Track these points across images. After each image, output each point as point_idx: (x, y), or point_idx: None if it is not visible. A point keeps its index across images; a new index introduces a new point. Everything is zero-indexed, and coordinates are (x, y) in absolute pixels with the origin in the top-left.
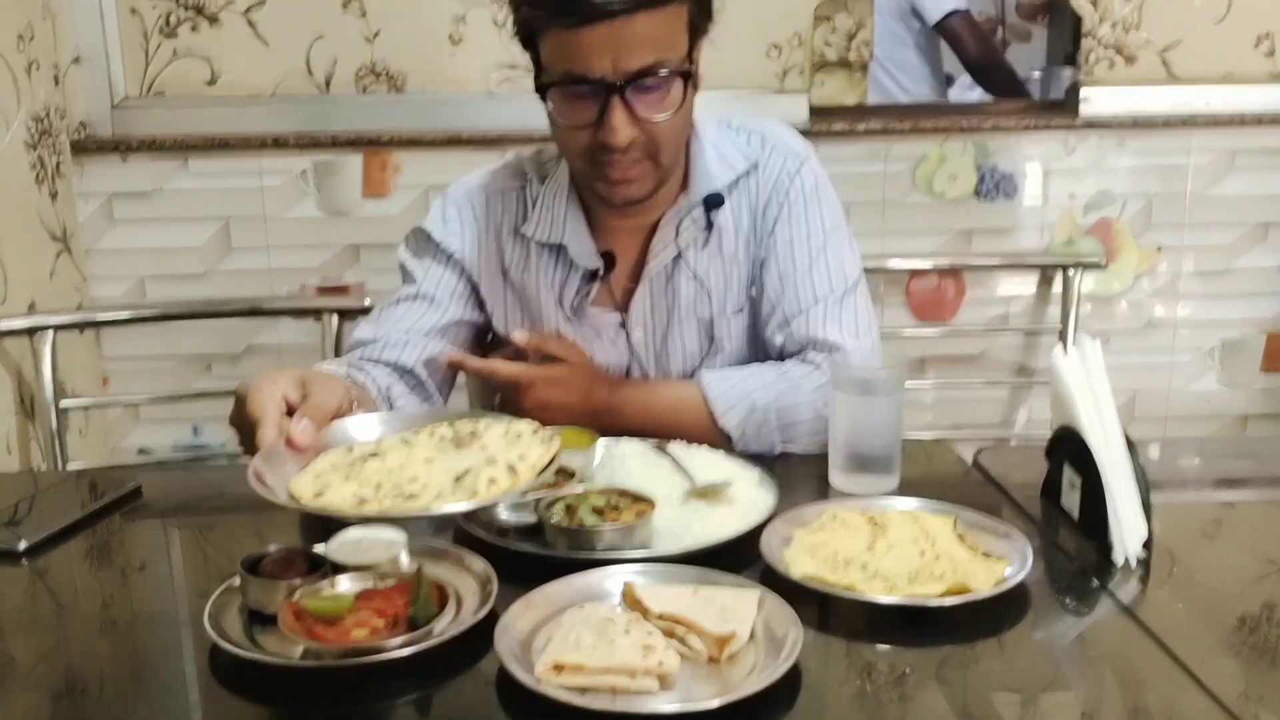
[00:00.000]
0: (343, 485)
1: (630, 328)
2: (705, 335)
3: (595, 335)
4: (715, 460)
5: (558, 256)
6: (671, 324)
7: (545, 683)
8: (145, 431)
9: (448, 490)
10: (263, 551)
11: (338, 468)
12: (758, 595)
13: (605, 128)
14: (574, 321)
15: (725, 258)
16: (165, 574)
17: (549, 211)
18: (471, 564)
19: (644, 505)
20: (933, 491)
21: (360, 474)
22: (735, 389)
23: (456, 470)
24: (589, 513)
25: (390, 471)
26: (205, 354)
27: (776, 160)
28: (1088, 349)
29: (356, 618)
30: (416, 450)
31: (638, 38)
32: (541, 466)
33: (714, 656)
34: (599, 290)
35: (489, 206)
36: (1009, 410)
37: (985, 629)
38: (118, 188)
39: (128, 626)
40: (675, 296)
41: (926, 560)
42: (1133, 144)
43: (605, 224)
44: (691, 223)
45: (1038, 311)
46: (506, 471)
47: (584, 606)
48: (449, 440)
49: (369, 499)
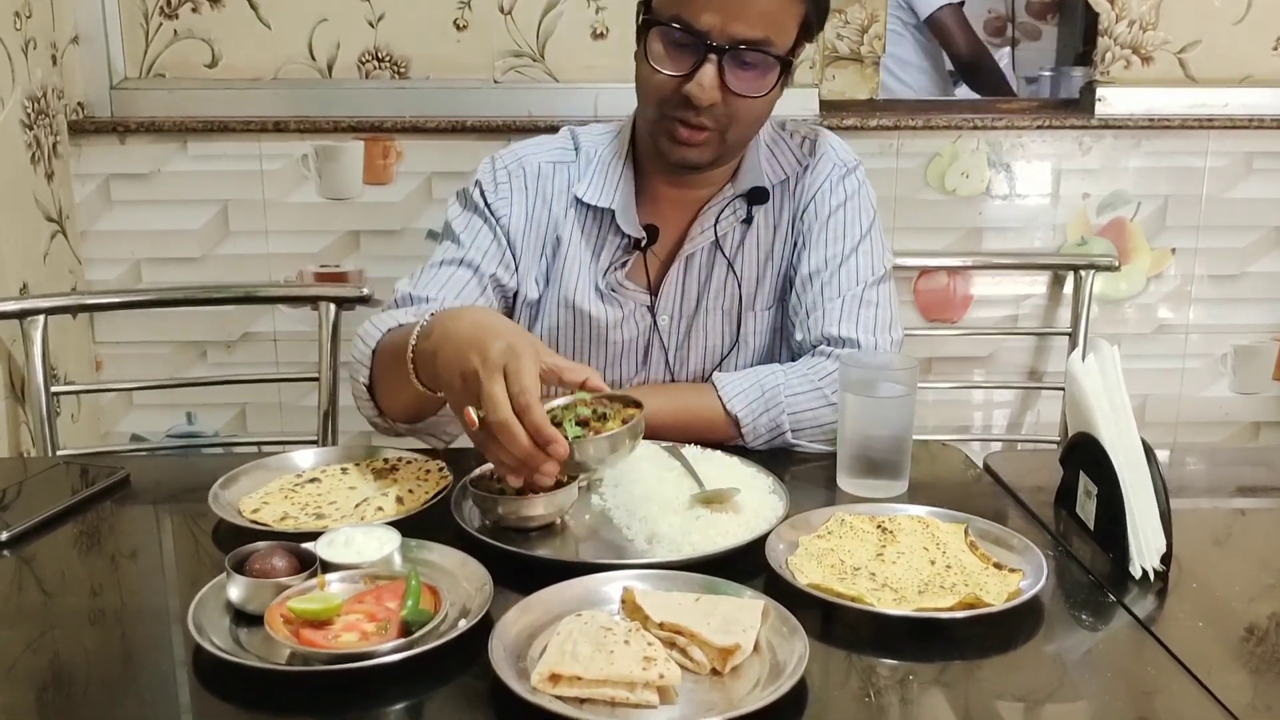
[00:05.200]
0: (279, 504)
1: (658, 311)
2: (731, 329)
3: (622, 315)
4: (728, 466)
5: (601, 223)
6: (699, 312)
7: (541, 694)
8: (138, 418)
9: (350, 514)
10: (251, 547)
11: (284, 489)
12: (762, 605)
13: (693, 82)
14: (604, 297)
15: (760, 254)
16: (152, 565)
17: (601, 176)
18: (466, 565)
19: (632, 410)
20: (942, 496)
21: (296, 495)
22: (745, 377)
23: (359, 498)
24: (573, 425)
25: (319, 495)
26: (200, 341)
27: (824, 167)
28: (1106, 354)
29: (346, 621)
30: (346, 479)
31: (755, 10)
32: (429, 496)
33: (717, 669)
34: (634, 264)
35: (540, 174)
36: (1017, 413)
37: (996, 643)
38: (115, 169)
39: (112, 620)
40: (706, 284)
41: (937, 570)
42: (1148, 144)
43: (653, 194)
44: (732, 213)
45: (1048, 313)
46: (394, 502)
47: (582, 614)
48: (374, 470)
49: (292, 516)
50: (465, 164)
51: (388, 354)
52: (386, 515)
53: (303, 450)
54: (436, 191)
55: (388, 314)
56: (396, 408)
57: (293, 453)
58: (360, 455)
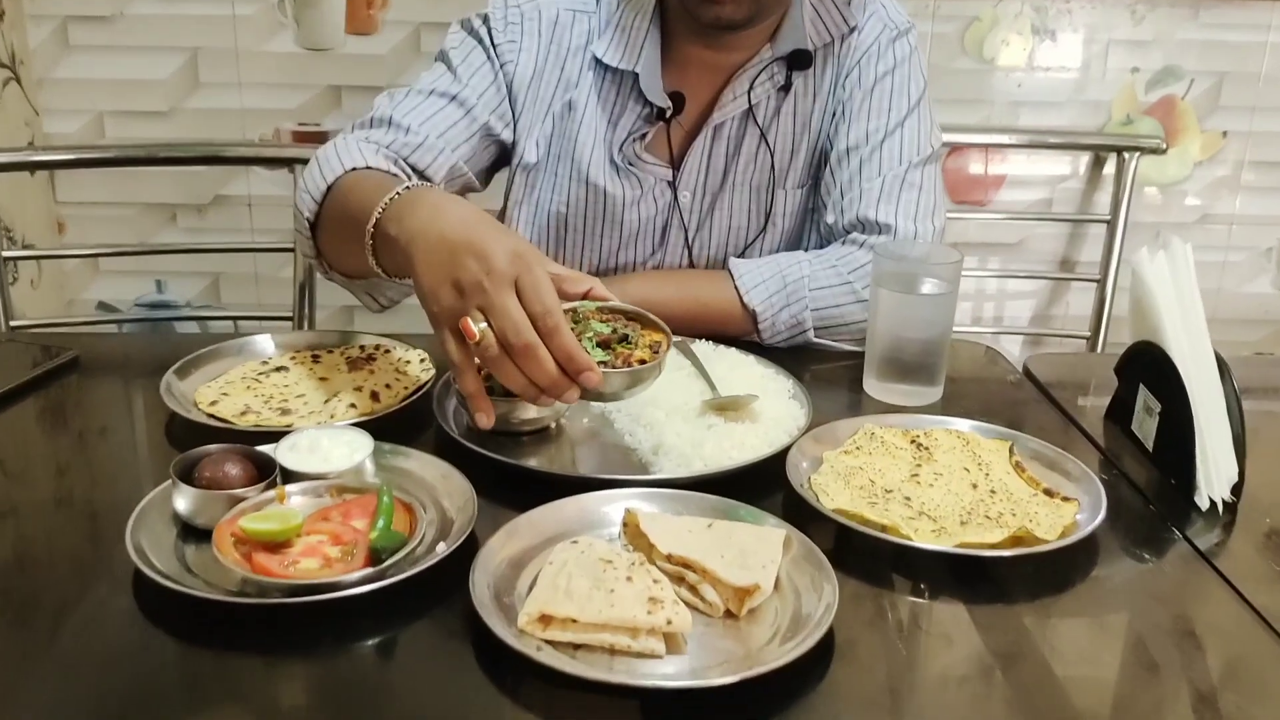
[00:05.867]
0: (240, 395)
1: (679, 187)
2: (759, 209)
3: (640, 192)
4: (743, 365)
5: (621, 88)
6: (725, 189)
7: (528, 638)
8: (105, 285)
9: (319, 410)
10: (201, 450)
11: (246, 378)
12: (783, 535)
13: None
14: (620, 171)
15: (797, 124)
16: (93, 466)
17: (625, 34)
18: (449, 479)
19: (657, 335)
20: (979, 406)
21: (260, 386)
22: (765, 266)
23: (330, 392)
24: (592, 345)
25: (286, 386)
26: (170, 203)
27: (874, 27)
28: (1178, 252)
29: (307, 543)
30: (317, 368)
31: None
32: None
33: (731, 610)
34: (656, 136)
35: (558, 22)
36: (1044, 305)
37: (1047, 582)
38: (73, 10)
39: (41, 535)
40: (735, 157)
41: (980, 495)
42: (1207, 15)
43: (681, 58)
44: (769, 78)
45: (1085, 198)
46: (369, 398)
47: (578, 540)
48: (348, 360)
49: (254, 411)
50: (459, 13)
51: (343, 210)
52: (360, 413)
53: (268, 334)
54: (426, 44)
55: (359, 139)
56: (341, 264)
57: (257, 336)
58: (334, 341)
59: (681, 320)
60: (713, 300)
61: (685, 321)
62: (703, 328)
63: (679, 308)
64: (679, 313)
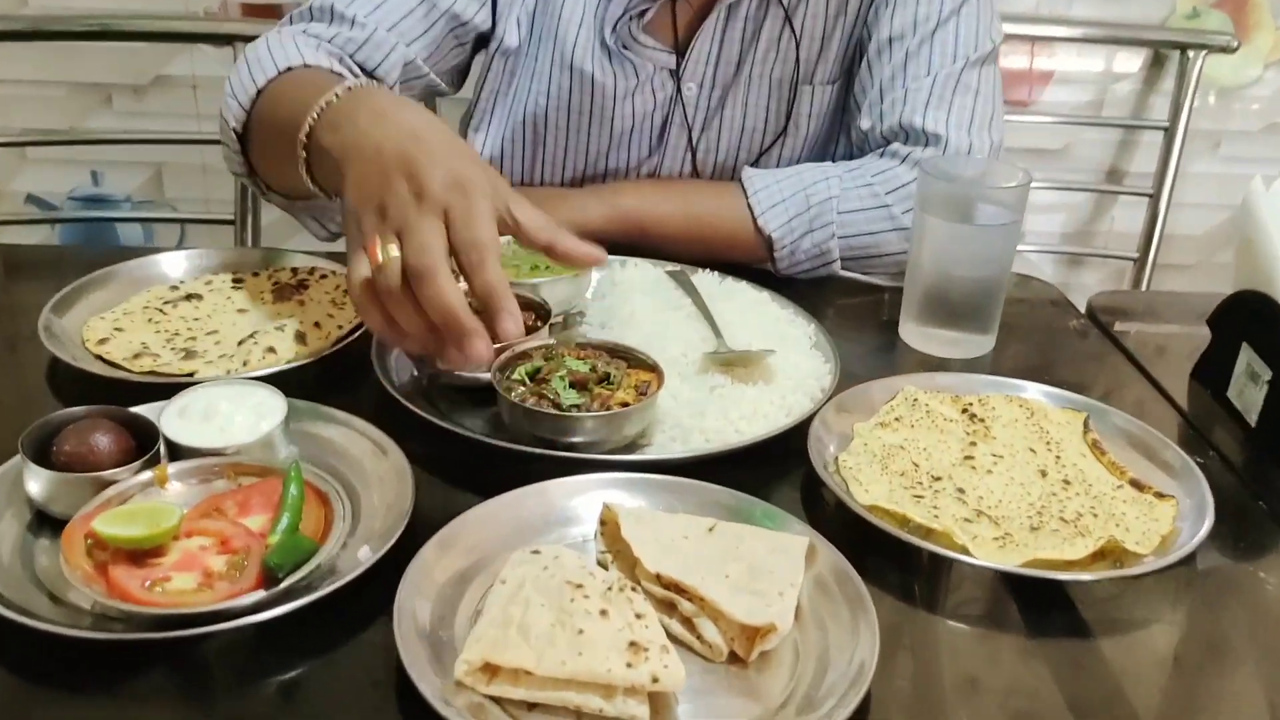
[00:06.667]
0: (139, 330)
1: (683, 77)
2: (779, 108)
3: (636, 82)
4: (756, 305)
5: None
6: (738, 80)
7: (466, 693)
8: (35, 175)
9: (232, 353)
10: (65, 414)
11: (149, 307)
12: (806, 545)
13: None
14: (613, 56)
15: (830, 8)
16: None
17: None
18: (384, 457)
19: (646, 374)
20: (1036, 359)
21: (165, 319)
22: (786, 181)
23: (246, 330)
24: (564, 386)
25: (197, 320)
26: (104, 83)
27: None
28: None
29: (185, 550)
30: (236, 297)
31: None
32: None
33: (739, 654)
34: (657, 14)
35: None
36: (1087, 219)
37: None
38: None
39: None
40: (753, 43)
41: (1051, 485)
42: None
43: None
44: None
45: (1140, 100)
46: (293, 340)
47: (540, 550)
48: (275, 286)
49: (152, 353)
50: None
51: (273, 117)
52: (280, 359)
53: (178, 252)
54: None
55: (296, 32)
56: (277, 182)
57: (166, 254)
58: (257, 262)
59: (681, 242)
60: (720, 219)
61: (685, 243)
62: (705, 251)
63: (678, 226)
64: (678, 232)
